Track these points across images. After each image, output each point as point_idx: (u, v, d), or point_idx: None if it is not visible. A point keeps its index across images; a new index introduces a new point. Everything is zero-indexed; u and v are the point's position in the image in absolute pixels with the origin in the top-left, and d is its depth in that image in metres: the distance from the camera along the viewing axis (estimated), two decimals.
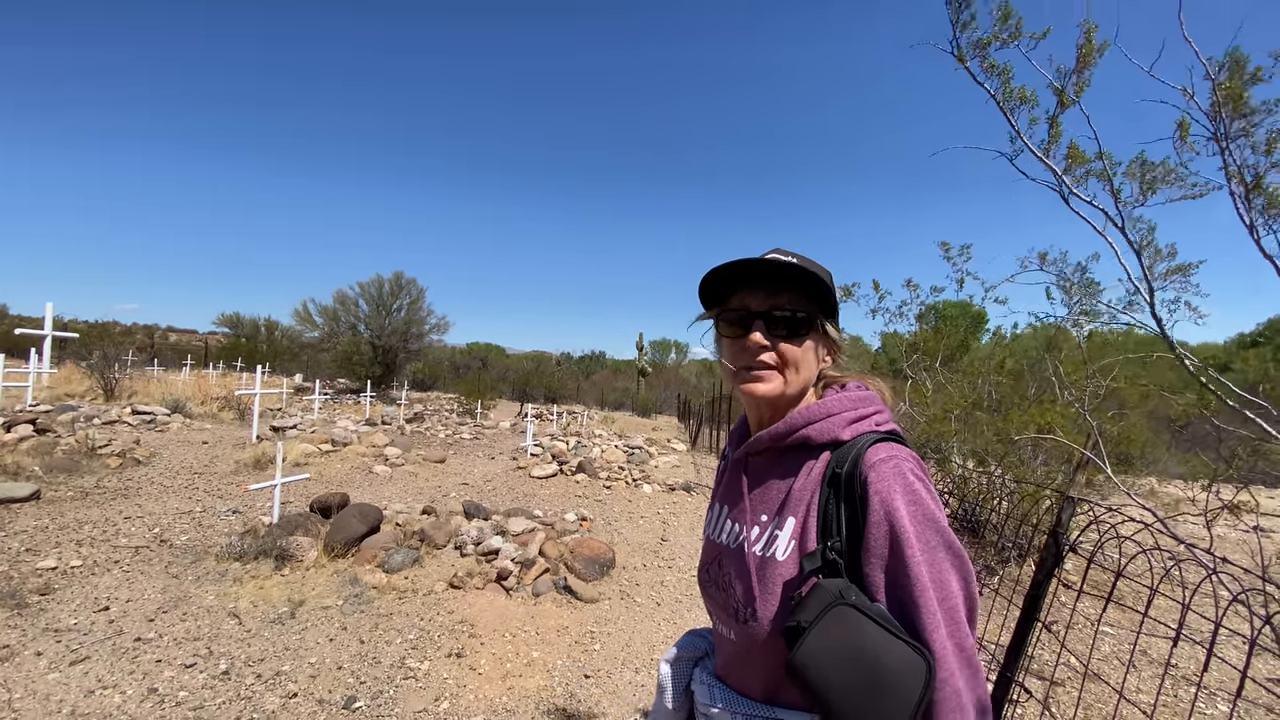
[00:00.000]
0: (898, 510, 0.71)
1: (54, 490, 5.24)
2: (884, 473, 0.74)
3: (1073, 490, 1.99)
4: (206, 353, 29.31)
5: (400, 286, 22.89)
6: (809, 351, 0.85)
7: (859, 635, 0.66)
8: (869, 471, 0.75)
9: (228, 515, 5.12)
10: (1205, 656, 1.40)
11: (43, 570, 3.64)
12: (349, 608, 3.48)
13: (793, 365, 0.84)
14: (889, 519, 0.71)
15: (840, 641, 0.66)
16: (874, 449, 0.77)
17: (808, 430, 0.82)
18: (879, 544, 0.72)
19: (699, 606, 4.04)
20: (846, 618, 0.67)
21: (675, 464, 10.38)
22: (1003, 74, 3.02)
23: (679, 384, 34.16)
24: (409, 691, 2.76)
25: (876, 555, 0.72)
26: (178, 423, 9.34)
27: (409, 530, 4.66)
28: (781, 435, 0.85)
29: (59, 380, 11.76)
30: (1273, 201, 2.45)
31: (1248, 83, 2.44)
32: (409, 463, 8.32)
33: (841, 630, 0.66)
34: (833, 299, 0.86)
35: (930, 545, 0.71)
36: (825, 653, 0.66)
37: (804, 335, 0.85)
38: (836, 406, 0.83)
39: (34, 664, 2.69)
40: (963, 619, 0.70)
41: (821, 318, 0.86)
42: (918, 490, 0.73)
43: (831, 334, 0.89)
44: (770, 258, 0.82)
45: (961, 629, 0.70)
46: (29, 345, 10.69)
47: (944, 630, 0.68)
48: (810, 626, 0.67)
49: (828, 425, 0.82)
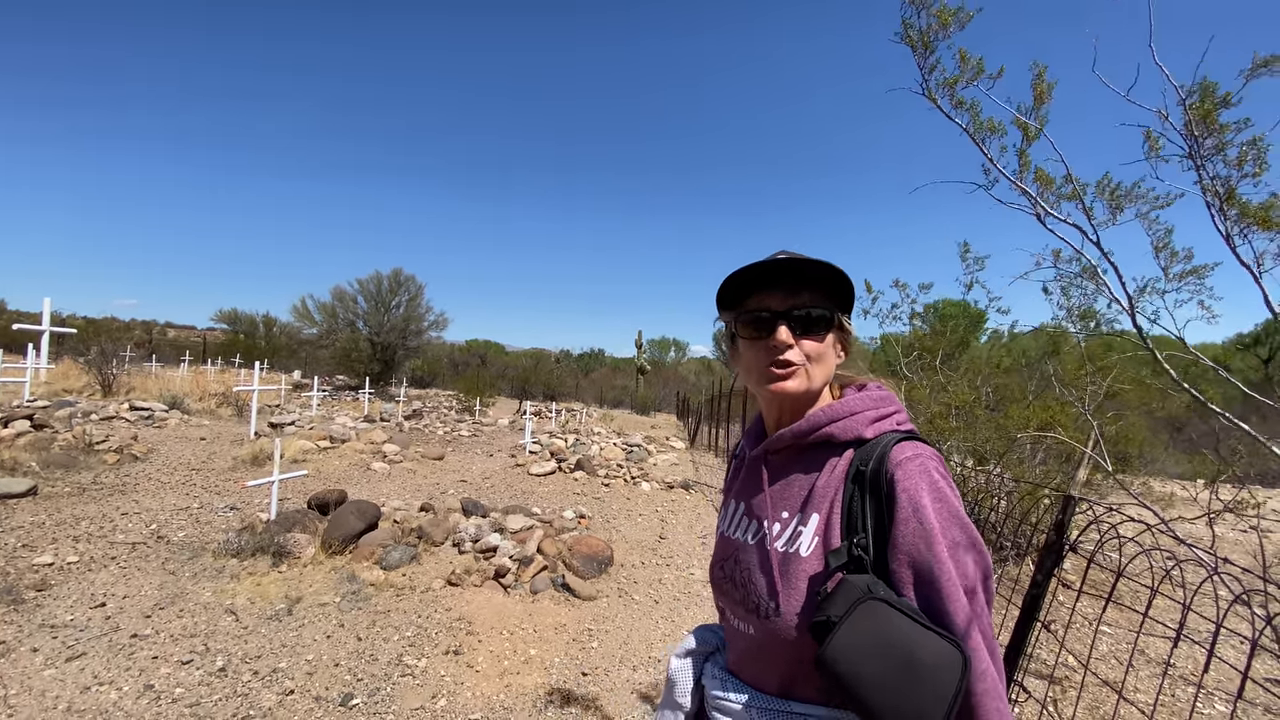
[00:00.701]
0: (925, 507, 0.73)
1: (51, 486, 5.23)
2: (910, 470, 0.76)
3: (1073, 489, 1.98)
4: (205, 349, 29.27)
5: (399, 283, 22.87)
6: (829, 348, 0.87)
7: (890, 628, 0.66)
8: (895, 469, 0.76)
9: (225, 512, 5.11)
10: (1206, 658, 1.40)
11: (39, 566, 3.63)
12: (346, 605, 3.48)
13: (816, 362, 0.85)
14: (917, 515, 0.73)
15: (871, 635, 0.66)
16: (899, 447, 0.79)
17: (831, 428, 0.84)
18: (907, 540, 0.73)
19: (696, 605, 4.03)
20: (876, 611, 0.67)
21: (674, 462, 10.38)
22: (971, 109, 3.26)
23: (678, 382, 34.16)
24: (406, 689, 2.75)
25: (904, 551, 0.73)
26: (175, 419, 9.32)
27: (407, 527, 4.65)
28: (804, 433, 0.86)
29: (57, 376, 11.74)
30: (1245, 212, 2.57)
31: (1217, 106, 2.58)
32: (407, 460, 8.31)
33: (872, 624, 0.67)
34: (850, 295, 0.87)
35: (956, 541, 0.73)
36: (856, 647, 0.66)
37: (824, 332, 0.86)
38: (859, 405, 0.85)
39: (30, 660, 2.68)
40: (985, 611, 0.73)
41: (840, 314, 0.88)
42: (942, 488, 0.75)
43: (848, 329, 0.91)
44: (788, 258, 0.84)
45: (986, 621, 0.72)
46: (27, 340, 10.67)
47: (974, 624, 0.70)
48: (840, 621, 0.68)
49: (851, 423, 0.84)
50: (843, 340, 0.91)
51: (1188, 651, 3.66)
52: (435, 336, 25.04)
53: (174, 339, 37.10)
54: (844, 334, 0.90)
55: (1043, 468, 5.21)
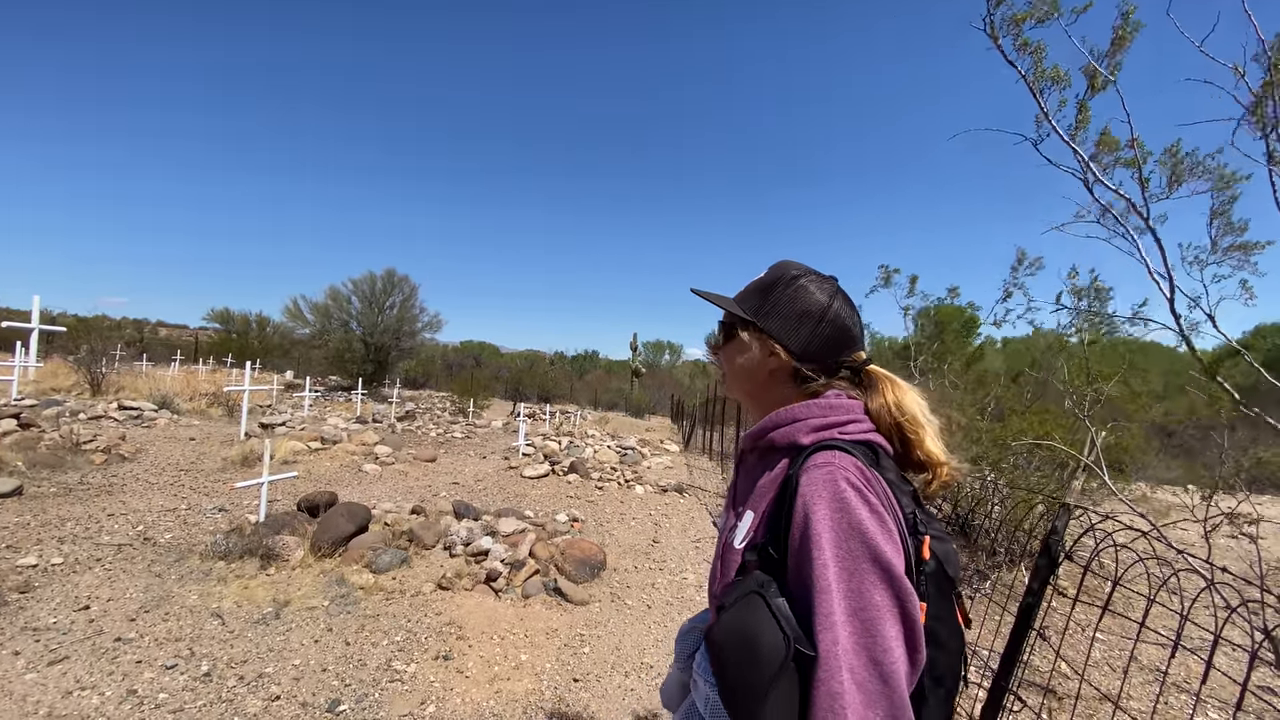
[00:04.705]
0: (815, 515, 0.75)
1: (36, 486, 5.16)
2: (814, 478, 0.78)
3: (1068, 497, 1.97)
4: (197, 348, 29.06)
5: (393, 284, 22.73)
6: (734, 352, 1.00)
7: (754, 619, 0.73)
8: (802, 476, 0.80)
9: (214, 513, 5.05)
10: (1205, 668, 1.38)
11: (23, 568, 3.57)
12: (335, 609, 3.43)
13: (729, 367, 1.02)
14: (805, 523, 0.76)
15: (740, 622, 0.74)
16: (816, 456, 0.82)
17: (773, 434, 0.91)
18: (794, 544, 0.77)
19: (689, 610, 4.01)
20: (753, 604, 0.74)
21: (668, 465, 10.35)
22: (1036, 52, 2.94)
23: (672, 385, 34.18)
24: (395, 694, 2.71)
25: (792, 554, 0.77)
26: (165, 419, 9.23)
27: (398, 530, 4.61)
28: (755, 436, 0.95)
29: (45, 374, 11.61)
30: None
31: None
32: (399, 461, 8.25)
33: (745, 614, 0.74)
34: (750, 310, 0.97)
35: (850, 554, 0.73)
36: (728, 629, 0.75)
37: (730, 340, 1.01)
38: (804, 413, 0.89)
39: (11, 663, 2.62)
40: (883, 633, 0.70)
41: (738, 327, 0.99)
42: (847, 499, 0.76)
43: (749, 337, 0.98)
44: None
45: (877, 642, 0.70)
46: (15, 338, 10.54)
47: (844, 636, 0.70)
48: (728, 608, 0.76)
49: (790, 430, 0.89)
50: (761, 344, 0.96)
51: (1179, 659, 3.66)
52: (429, 338, 24.90)
53: (166, 338, 36.83)
54: (760, 339, 0.96)
55: (1038, 474, 5.22)
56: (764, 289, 0.98)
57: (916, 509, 0.83)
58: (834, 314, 0.93)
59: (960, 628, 0.85)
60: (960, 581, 0.89)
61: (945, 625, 0.81)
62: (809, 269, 0.99)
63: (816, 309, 0.93)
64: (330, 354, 21.81)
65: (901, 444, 0.91)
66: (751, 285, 1.01)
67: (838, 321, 0.93)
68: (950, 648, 0.82)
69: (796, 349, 0.93)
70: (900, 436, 0.91)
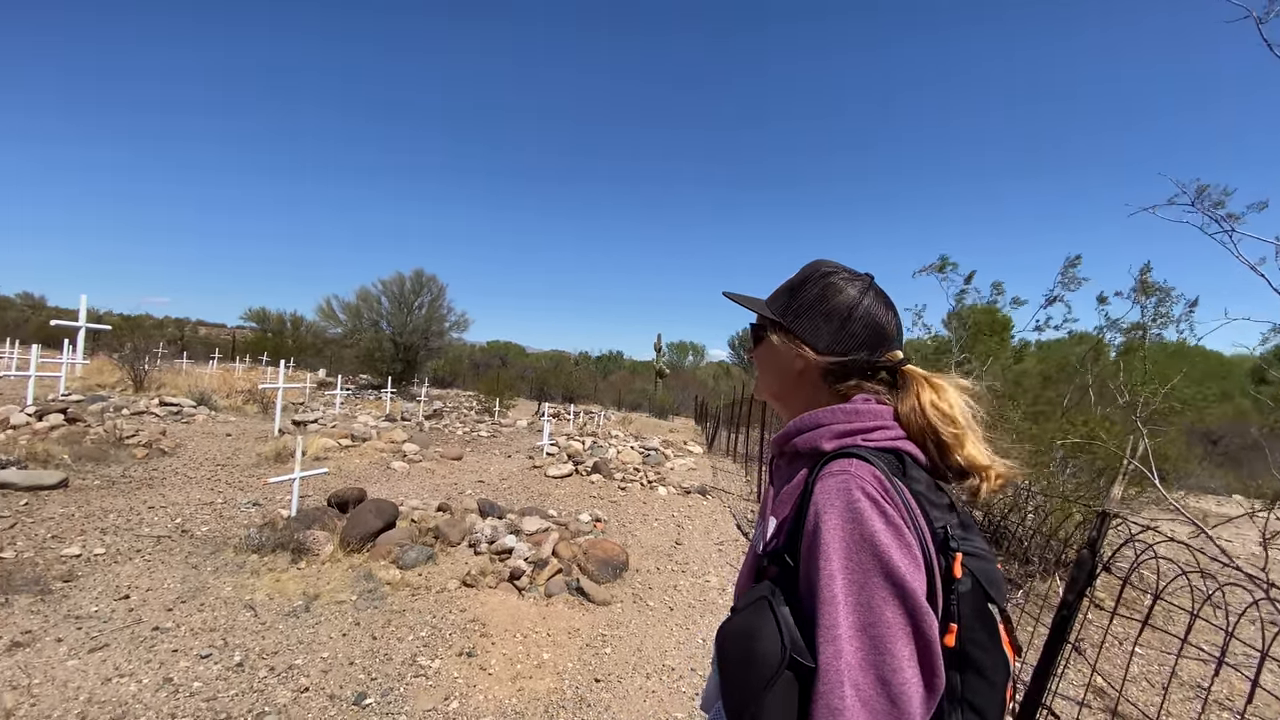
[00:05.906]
0: (825, 525, 0.73)
1: (81, 479, 5.36)
2: (827, 486, 0.76)
3: (1107, 505, 1.90)
4: (234, 346, 29.93)
5: (421, 284, 23.12)
6: (764, 355, 0.99)
7: (759, 623, 0.73)
8: (817, 484, 0.77)
9: (248, 507, 5.19)
10: (1250, 686, 1.32)
11: (67, 557, 3.71)
12: (362, 603, 3.49)
13: (760, 369, 1.01)
14: (815, 532, 0.74)
15: (747, 625, 0.74)
16: (834, 463, 0.79)
17: (796, 440, 0.89)
18: (804, 552, 0.75)
19: (712, 613, 3.98)
20: (761, 610, 0.74)
21: (691, 467, 10.31)
22: None
23: (696, 386, 34.05)
24: (419, 690, 2.75)
25: (802, 563, 0.76)
26: (203, 415, 9.52)
27: (424, 527, 4.67)
28: (780, 441, 0.94)
29: (91, 371, 12.08)
30: None
31: None
32: (426, 459, 8.38)
33: (753, 618, 0.74)
34: (776, 310, 0.96)
35: (860, 566, 0.70)
36: (735, 632, 0.76)
37: (759, 343, 1.00)
38: (828, 418, 0.87)
39: (54, 650, 2.73)
40: (893, 651, 0.66)
41: (767, 329, 0.97)
42: (860, 509, 0.72)
43: (778, 338, 0.96)
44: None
45: (886, 660, 0.66)
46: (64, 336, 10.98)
47: (849, 651, 0.67)
48: (739, 611, 0.77)
49: (812, 436, 0.87)
50: (791, 345, 0.94)
51: (1223, 675, 3.51)
52: (456, 337, 25.29)
53: (205, 336, 38.03)
54: (789, 341, 0.94)
55: (1074, 480, 5.05)
56: (793, 288, 0.96)
57: (951, 523, 0.78)
58: (864, 311, 0.89)
59: (1006, 656, 0.78)
60: (1005, 603, 0.81)
61: (986, 652, 0.75)
62: (841, 266, 0.94)
63: (845, 306, 0.89)
64: (361, 353, 22.28)
65: (938, 449, 0.84)
66: (782, 286, 0.99)
67: (869, 319, 0.89)
68: (993, 678, 0.75)
69: (824, 348, 0.90)
70: (935, 441, 0.83)
